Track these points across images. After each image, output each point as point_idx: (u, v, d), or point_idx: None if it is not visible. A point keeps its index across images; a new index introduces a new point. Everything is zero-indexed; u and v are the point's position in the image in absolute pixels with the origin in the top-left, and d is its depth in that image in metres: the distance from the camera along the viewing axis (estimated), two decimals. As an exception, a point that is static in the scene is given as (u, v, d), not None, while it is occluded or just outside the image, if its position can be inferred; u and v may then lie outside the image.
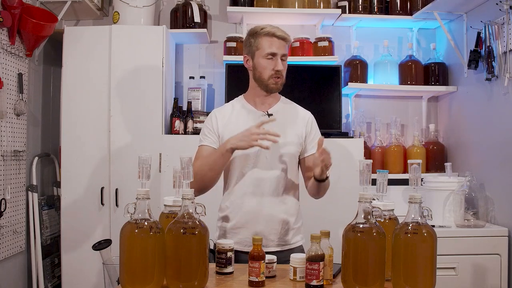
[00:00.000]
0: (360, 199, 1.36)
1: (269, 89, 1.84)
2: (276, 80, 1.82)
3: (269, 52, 1.79)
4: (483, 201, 2.64)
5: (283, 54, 1.81)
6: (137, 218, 1.35)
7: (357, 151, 2.75)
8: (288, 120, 1.89)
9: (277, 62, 1.80)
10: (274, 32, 1.79)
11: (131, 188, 2.58)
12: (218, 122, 1.87)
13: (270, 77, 1.81)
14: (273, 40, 1.79)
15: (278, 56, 1.80)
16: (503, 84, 2.51)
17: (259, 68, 1.83)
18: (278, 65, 1.80)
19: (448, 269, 2.48)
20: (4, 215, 2.56)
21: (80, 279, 2.80)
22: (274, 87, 1.84)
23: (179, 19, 3.07)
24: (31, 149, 2.90)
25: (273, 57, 1.80)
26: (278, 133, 1.76)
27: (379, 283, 1.34)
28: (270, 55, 1.80)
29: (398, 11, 3.12)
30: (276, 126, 1.84)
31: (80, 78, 2.84)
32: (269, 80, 1.82)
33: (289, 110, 1.93)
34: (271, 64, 1.80)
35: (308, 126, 1.91)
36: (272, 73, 1.81)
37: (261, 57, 1.81)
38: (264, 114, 1.86)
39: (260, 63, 1.82)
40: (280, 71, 1.81)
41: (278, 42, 1.80)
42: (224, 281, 1.51)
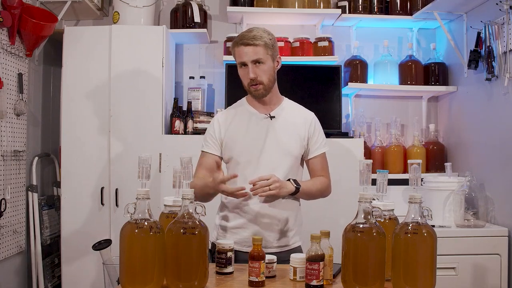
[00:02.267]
0: (360, 199, 1.36)
1: (254, 96, 1.84)
2: (254, 87, 1.80)
3: (239, 62, 1.80)
4: (483, 201, 2.64)
5: (255, 60, 1.76)
6: (137, 218, 1.35)
7: (357, 151, 2.75)
8: (290, 121, 1.88)
9: (248, 71, 1.77)
10: (239, 40, 1.78)
11: (131, 188, 2.58)
12: (221, 128, 1.87)
13: (248, 85, 1.81)
14: (241, 48, 1.77)
15: (248, 64, 1.77)
16: (503, 84, 2.51)
17: (240, 77, 1.84)
18: (249, 73, 1.77)
19: (448, 269, 2.48)
20: (4, 215, 2.56)
21: (80, 279, 2.80)
22: (255, 93, 1.82)
23: (179, 19, 3.07)
24: (31, 149, 2.90)
25: (245, 66, 1.79)
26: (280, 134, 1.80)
27: (379, 283, 1.34)
28: (241, 65, 1.80)
29: (398, 11, 3.12)
30: (278, 128, 1.84)
31: (80, 78, 2.84)
32: (249, 88, 1.81)
33: (291, 111, 1.92)
34: (244, 72, 1.80)
35: (311, 128, 1.90)
36: (248, 81, 1.80)
37: (238, 67, 1.82)
38: (266, 116, 1.86)
39: (239, 72, 1.83)
40: (254, 79, 1.78)
41: (246, 49, 1.76)
42: (224, 281, 1.51)
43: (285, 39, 3.10)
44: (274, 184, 1.66)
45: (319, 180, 1.89)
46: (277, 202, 1.82)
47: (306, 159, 1.91)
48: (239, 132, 1.84)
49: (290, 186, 1.75)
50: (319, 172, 1.91)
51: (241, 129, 1.84)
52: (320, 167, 1.92)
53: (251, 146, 1.82)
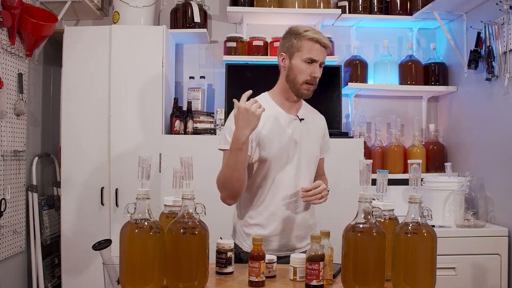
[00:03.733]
0: (360, 199, 1.36)
1: (300, 94, 1.78)
2: (308, 86, 1.75)
3: (309, 57, 1.72)
4: (483, 201, 2.64)
5: (322, 63, 1.76)
6: (137, 218, 1.35)
7: (357, 151, 2.75)
8: (313, 123, 1.88)
9: (315, 69, 1.74)
10: (318, 38, 1.72)
11: (131, 188, 2.58)
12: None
13: (304, 82, 1.74)
14: (316, 46, 1.72)
15: (317, 63, 1.74)
16: (503, 84, 2.51)
17: (295, 70, 1.75)
18: (316, 72, 1.74)
19: (448, 269, 2.48)
20: (4, 215, 2.56)
21: (80, 279, 2.80)
22: (305, 93, 1.77)
23: (179, 19, 3.07)
24: (31, 149, 2.90)
25: (312, 63, 1.73)
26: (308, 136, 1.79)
27: (379, 283, 1.34)
28: (309, 60, 1.73)
29: (398, 11, 3.13)
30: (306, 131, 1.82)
31: (80, 78, 2.84)
32: (302, 85, 1.75)
33: (310, 113, 1.91)
34: (309, 69, 1.73)
35: (325, 129, 1.93)
36: (308, 79, 1.74)
37: (300, 60, 1.73)
38: (295, 118, 1.81)
39: (298, 66, 1.74)
40: (317, 78, 1.75)
41: (320, 49, 1.73)
42: (224, 281, 1.51)
43: (285, 39, 3.09)
44: (325, 191, 1.71)
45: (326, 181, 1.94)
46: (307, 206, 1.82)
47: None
48: (275, 133, 1.76)
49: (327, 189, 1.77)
50: (321, 171, 1.95)
51: (277, 130, 1.76)
52: (322, 167, 1.97)
53: (285, 148, 1.77)
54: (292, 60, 1.76)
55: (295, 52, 1.75)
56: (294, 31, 1.78)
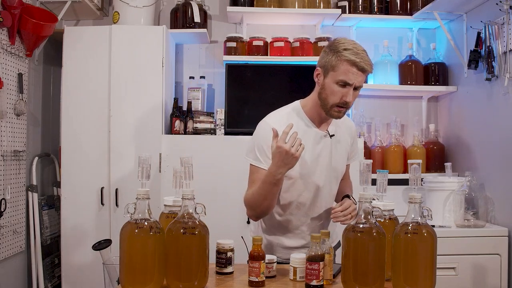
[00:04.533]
0: (360, 199, 1.36)
1: (330, 115, 1.67)
2: (339, 109, 1.64)
3: (343, 79, 1.60)
4: (483, 201, 2.64)
5: (358, 87, 1.62)
6: (137, 218, 1.35)
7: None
8: (342, 136, 1.81)
9: (348, 93, 1.61)
10: (356, 61, 1.58)
11: (131, 188, 2.58)
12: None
13: (334, 105, 1.63)
14: (353, 69, 1.58)
15: (352, 88, 1.61)
16: (503, 84, 2.51)
17: (327, 90, 1.64)
18: (347, 96, 1.61)
19: (448, 269, 2.48)
20: (4, 215, 2.56)
21: (80, 279, 2.80)
22: (335, 115, 1.66)
23: (179, 19, 3.07)
24: (31, 149, 2.90)
25: (346, 86, 1.61)
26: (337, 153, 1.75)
27: (379, 283, 1.34)
28: (343, 83, 1.60)
29: (398, 11, 3.13)
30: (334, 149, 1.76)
31: (80, 78, 2.84)
32: (333, 107, 1.64)
33: (340, 124, 1.80)
34: (341, 92, 1.61)
35: (354, 137, 1.88)
36: (338, 101, 1.62)
37: (333, 81, 1.61)
38: (325, 134, 1.73)
39: (330, 86, 1.62)
40: (348, 103, 1.63)
41: (357, 72, 1.59)
42: (224, 281, 1.51)
43: (285, 39, 3.10)
44: (354, 212, 1.66)
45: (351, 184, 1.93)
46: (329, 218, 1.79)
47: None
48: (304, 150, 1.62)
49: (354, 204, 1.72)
50: (346, 176, 1.92)
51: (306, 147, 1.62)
52: (348, 173, 1.93)
53: (312, 166, 1.71)
54: (326, 78, 1.64)
55: (330, 71, 1.62)
56: (334, 46, 1.64)
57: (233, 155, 2.64)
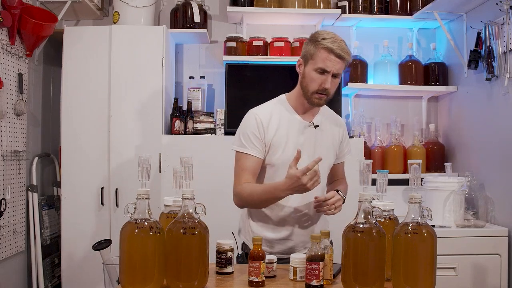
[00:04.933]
0: (360, 199, 1.36)
1: (311, 103, 1.73)
2: (320, 96, 1.70)
3: (321, 67, 1.66)
4: (483, 201, 2.64)
5: (336, 74, 1.68)
6: (137, 218, 1.35)
7: (357, 151, 2.75)
8: (329, 131, 1.84)
9: (327, 80, 1.67)
10: (333, 48, 1.64)
11: (131, 188, 2.58)
12: (266, 131, 1.73)
13: (315, 92, 1.69)
14: (330, 56, 1.65)
15: (330, 75, 1.67)
16: (503, 84, 2.51)
17: (307, 78, 1.71)
18: (326, 83, 1.67)
19: (448, 269, 2.48)
20: (4, 215, 2.56)
21: (80, 279, 2.80)
22: (316, 102, 1.72)
23: (179, 19, 3.07)
24: (31, 149, 2.90)
25: (324, 73, 1.67)
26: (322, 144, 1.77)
27: (379, 283, 1.34)
28: (321, 70, 1.67)
29: (398, 11, 3.12)
30: (320, 139, 1.79)
31: (80, 78, 2.84)
32: (313, 94, 1.70)
33: (328, 118, 1.86)
34: (320, 79, 1.67)
35: (344, 134, 1.90)
36: (318, 88, 1.68)
37: (312, 69, 1.68)
38: (310, 124, 1.78)
39: (309, 74, 1.70)
40: (327, 89, 1.69)
41: (334, 59, 1.65)
42: (224, 281, 1.51)
43: (285, 39, 3.10)
44: (339, 202, 1.69)
45: (345, 185, 1.92)
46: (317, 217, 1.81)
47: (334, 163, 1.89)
48: (286, 139, 1.73)
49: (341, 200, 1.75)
50: (340, 175, 1.93)
51: (288, 135, 1.73)
52: (342, 170, 1.94)
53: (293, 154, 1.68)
54: (306, 67, 1.72)
55: (309, 59, 1.70)
56: (313, 37, 1.71)
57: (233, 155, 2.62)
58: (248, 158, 1.72)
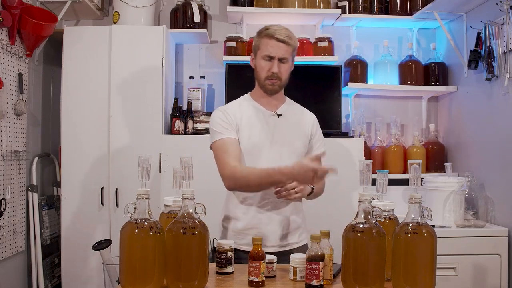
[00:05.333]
0: (360, 199, 1.36)
1: (266, 90, 1.84)
2: (272, 81, 1.81)
3: (266, 54, 1.79)
4: (483, 201, 2.64)
5: (282, 58, 1.78)
6: (137, 218, 1.35)
7: (357, 151, 2.75)
8: (295, 120, 1.90)
9: (274, 65, 1.78)
10: (274, 34, 1.77)
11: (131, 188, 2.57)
12: (231, 116, 1.83)
13: (266, 78, 1.81)
14: (272, 42, 1.77)
15: (275, 59, 1.78)
16: (503, 84, 2.51)
17: (258, 68, 1.83)
18: (273, 67, 1.78)
19: (448, 269, 2.48)
20: (4, 215, 2.56)
21: (80, 279, 2.80)
22: (270, 88, 1.82)
23: (179, 19, 3.07)
24: (31, 149, 2.90)
25: (271, 59, 1.79)
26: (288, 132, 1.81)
27: (379, 283, 1.34)
28: (267, 57, 1.79)
29: (398, 11, 3.12)
30: (285, 126, 1.85)
31: (80, 78, 2.84)
32: (265, 81, 1.81)
33: (295, 111, 1.94)
34: (268, 65, 1.79)
35: (314, 128, 1.93)
36: (268, 75, 1.80)
37: (260, 58, 1.81)
38: (273, 114, 1.87)
39: (259, 63, 1.82)
40: (276, 74, 1.79)
41: (277, 45, 1.77)
42: (224, 281, 1.51)
43: (285, 39, 3.09)
44: (299, 187, 1.69)
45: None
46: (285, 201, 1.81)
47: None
48: (248, 127, 1.83)
49: (308, 188, 1.77)
50: None
51: (250, 124, 1.83)
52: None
53: (259, 142, 1.81)
54: (255, 59, 1.84)
55: (257, 50, 1.83)
56: (258, 30, 1.85)
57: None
58: (227, 142, 1.79)
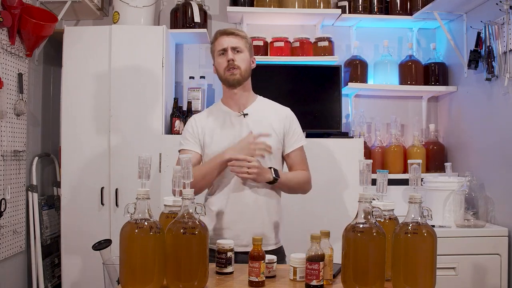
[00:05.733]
0: (360, 199, 1.36)
1: (229, 82, 1.87)
2: (231, 71, 1.85)
3: (219, 49, 1.86)
4: (483, 201, 2.64)
5: (235, 47, 1.86)
6: (137, 218, 1.35)
7: (357, 151, 2.75)
8: (264, 118, 1.91)
9: (228, 54, 1.84)
10: (223, 31, 1.89)
11: (131, 188, 2.58)
12: (198, 127, 1.91)
13: (225, 69, 1.85)
14: (222, 37, 1.87)
15: (228, 49, 1.85)
16: (503, 84, 2.51)
17: (216, 65, 1.90)
18: (228, 55, 1.84)
19: (448, 269, 2.48)
20: (4, 215, 2.56)
21: (80, 279, 2.80)
22: (231, 78, 1.86)
23: (179, 19, 3.07)
24: (31, 149, 2.90)
25: (225, 52, 1.86)
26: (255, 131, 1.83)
27: (379, 283, 1.34)
28: (221, 51, 1.86)
29: (398, 11, 3.13)
30: (252, 125, 1.86)
31: (80, 78, 2.84)
32: (225, 73, 1.86)
33: (266, 107, 1.95)
34: (223, 57, 1.86)
35: (287, 122, 1.92)
36: (226, 65, 1.85)
37: (216, 56, 1.89)
38: (239, 114, 1.90)
39: (216, 61, 1.89)
40: (232, 61, 1.84)
41: (227, 38, 1.86)
42: (224, 281, 1.51)
43: (285, 39, 3.10)
44: (253, 169, 1.72)
45: (301, 174, 1.91)
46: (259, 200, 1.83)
47: (285, 154, 1.92)
48: (214, 130, 1.89)
49: (269, 175, 1.78)
50: (298, 166, 1.93)
51: (216, 127, 1.89)
52: (299, 160, 1.93)
53: (226, 144, 1.83)
54: (214, 62, 1.92)
55: (213, 54, 1.92)
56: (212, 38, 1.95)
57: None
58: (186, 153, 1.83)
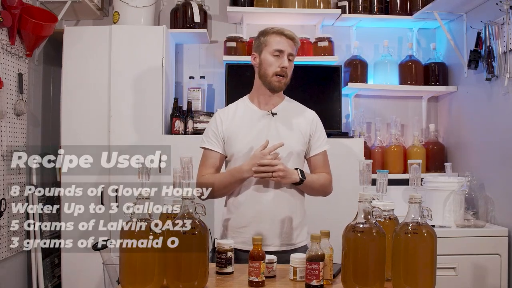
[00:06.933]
0: (360, 199, 1.36)
1: (272, 87, 1.85)
2: (279, 78, 1.83)
3: (276, 49, 1.82)
4: (483, 201, 2.64)
5: (290, 53, 1.84)
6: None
7: (357, 151, 2.75)
8: (293, 118, 1.90)
9: (283, 59, 1.82)
10: (283, 30, 1.84)
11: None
12: (223, 124, 1.87)
13: (274, 74, 1.83)
14: (282, 38, 1.83)
15: (285, 53, 1.82)
16: (503, 84, 2.51)
17: (265, 64, 1.84)
18: (284, 62, 1.81)
19: (448, 269, 2.48)
20: (4, 215, 2.56)
21: (80, 279, 2.80)
22: (277, 85, 1.84)
23: (179, 19, 3.07)
24: (31, 149, 2.90)
25: (280, 54, 1.82)
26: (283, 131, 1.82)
27: (379, 283, 1.34)
28: (277, 52, 1.82)
29: (398, 11, 3.12)
30: (280, 125, 1.85)
31: (80, 78, 2.84)
32: (273, 77, 1.83)
33: (294, 109, 1.94)
34: (278, 61, 1.82)
35: (313, 126, 1.92)
36: (277, 70, 1.82)
37: (268, 53, 1.83)
38: (268, 113, 1.87)
39: (267, 59, 1.84)
40: (285, 69, 1.82)
41: (286, 41, 1.83)
42: (224, 281, 1.51)
43: (285, 39, 3.09)
44: (278, 172, 1.70)
45: (323, 176, 1.90)
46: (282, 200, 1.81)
47: (308, 156, 1.91)
48: (240, 129, 1.85)
49: (296, 176, 1.76)
50: (321, 169, 1.92)
51: (243, 126, 1.85)
52: (322, 164, 1.93)
53: (252, 143, 1.81)
54: (261, 55, 1.86)
55: (263, 48, 1.86)
56: (262, 30, 1.91)
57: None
58: (207, 154, 1.86)
